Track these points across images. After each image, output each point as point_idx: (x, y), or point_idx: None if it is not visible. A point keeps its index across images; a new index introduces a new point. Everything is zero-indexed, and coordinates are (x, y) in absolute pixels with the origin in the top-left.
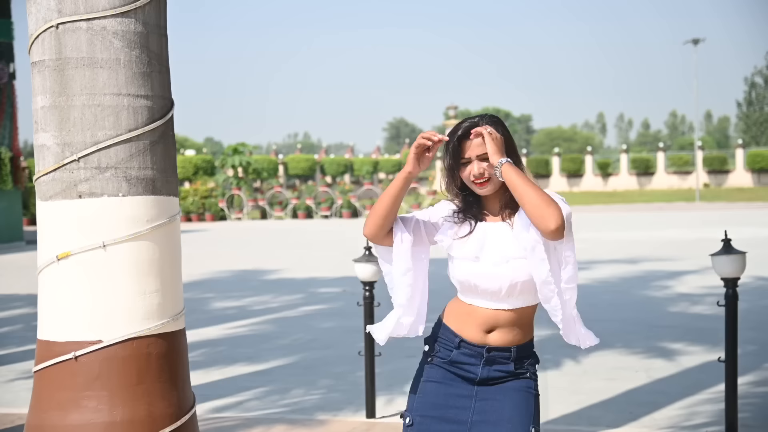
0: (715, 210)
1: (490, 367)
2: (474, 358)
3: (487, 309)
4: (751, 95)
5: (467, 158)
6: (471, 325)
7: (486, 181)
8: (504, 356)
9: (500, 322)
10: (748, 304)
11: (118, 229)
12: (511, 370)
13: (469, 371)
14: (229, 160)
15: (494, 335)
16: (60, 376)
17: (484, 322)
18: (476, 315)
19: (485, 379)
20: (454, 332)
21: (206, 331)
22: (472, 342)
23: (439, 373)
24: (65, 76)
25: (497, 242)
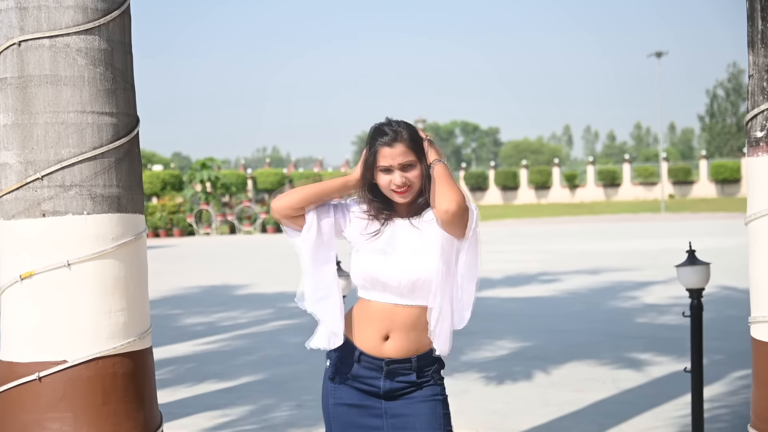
0: (680, 220)
1: (391, 380)
2: (374, 371)
3: (385, 304)
4: (713, 107)
5: (387, 166)
6: (368, 331)
7: (406, 190)
8: (404, 368)
9: (397, 320)
10: (713, 313)
11: (82, 248)
12: (413, 380)
13: (372, 384)
14: (197, 175)
15: (391, 343)
16: (23, 398)
17: (381, 321)
18: (373, 315)
19: (389, 391)
20: (352, 344)
21: (174, 348)
22: (371, 354)
23: (345, 393)
24: (28, 93)
25: (404, 238)
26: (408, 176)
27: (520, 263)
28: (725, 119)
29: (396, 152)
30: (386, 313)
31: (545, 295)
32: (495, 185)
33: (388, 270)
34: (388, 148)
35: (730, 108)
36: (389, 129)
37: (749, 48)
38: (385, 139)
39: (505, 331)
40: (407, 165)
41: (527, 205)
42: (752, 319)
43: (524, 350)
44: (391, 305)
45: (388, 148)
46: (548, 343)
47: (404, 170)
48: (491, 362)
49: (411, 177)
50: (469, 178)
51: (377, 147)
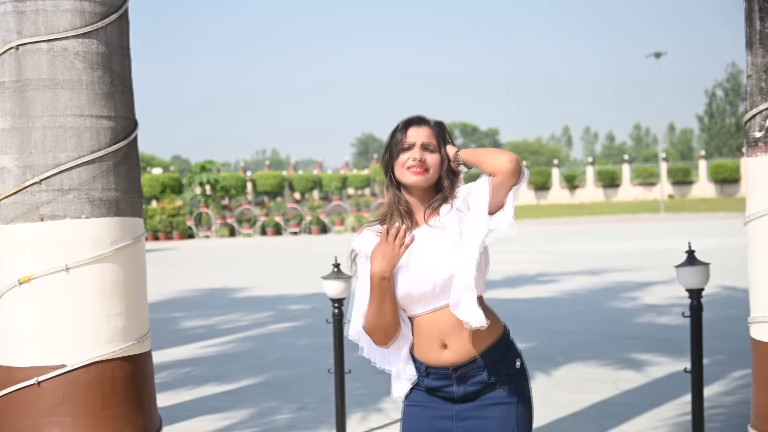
0: (680, 221)
1: (464, 384)
2: (446, 380)
3: (427, 314)
4: (712, 107)
5: (410, 143)
6: (426, 345)
7: (421, 170)
8: (472, 369)
9: (444, 325)
10: (713, 314)
11: (81, 252)
12: (485, 380)
13: (447, 392)
14: (196, 178)
15: (450, 350)
16: (22, 403)
17: (431, 331)
18: (425, 329)
19: (464, 395)
20: (419, 361)
21: (174, 351)
22: (436, 365)
23: (420, 397)
24: (26, 97)
25: (423, 244)
26: (427, 157)
27: (520, 264)
28: (724, 119)
29: (420, 132)
30: (432, 321)
31: (545, 296)
32: None
33: (416, 282)
34: (414, 127)
35: (729, 108)
36: (416, 116)
37: (747, 48)
38: (411, 118)
39: None
40: (428, 146)
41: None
42: (752, 319)
43: (524, 351)
44: (431, 313)
45: (415, 127)
46: (548, 344)
47: (424, 150)
48: None
49: (429, 159)
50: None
51: (401, 125)
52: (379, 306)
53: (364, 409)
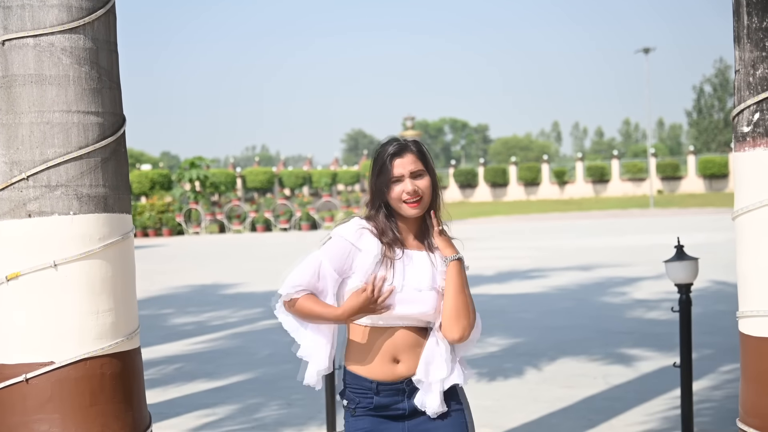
0: (669, 216)
1: (413, 398)
2: (397, 396)
3: (383, 328)
4: (701, 102)
5: (399, 176)
6: (377, 360)
7: (418, 201)
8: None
9: (401, 342)
10: (702, 308)
11: (69, 248)
12: None
13: (397, 409)
14: (186, 174)
15: (403, 364)
16: (10, 400)
17: (386, 346)
18: (376, 343)
19: (413, 410)
20: (365, 378)
21: (164, 347)
22: (388, 381)
23: (367, 422)
24: (12, 93)
25: (419, 269)
26: (418, 185)
27: (510, 260)
28: (712, 115)
29: (406, 161)
30: (387, 337)
31: (535, 291)
32: (484, 182)
33: (407, 304)
34: (398, 158)
35: (717, 103)
36: (395, 142)
37: (735, 43)
38: (393, 150)
39: (495, 328)
40: (417, 173)
41: (517, 202)
42: (740, 313)
43: (514, 347)
44: (390, 329)
45: (399, 158)
46: (538, 339)
47: (414, 179)
48: (481, 359)
49: (421, 186)
50: (459, 176)
51: (386, 159)
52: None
53: None
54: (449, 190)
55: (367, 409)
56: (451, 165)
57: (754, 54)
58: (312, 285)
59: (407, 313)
